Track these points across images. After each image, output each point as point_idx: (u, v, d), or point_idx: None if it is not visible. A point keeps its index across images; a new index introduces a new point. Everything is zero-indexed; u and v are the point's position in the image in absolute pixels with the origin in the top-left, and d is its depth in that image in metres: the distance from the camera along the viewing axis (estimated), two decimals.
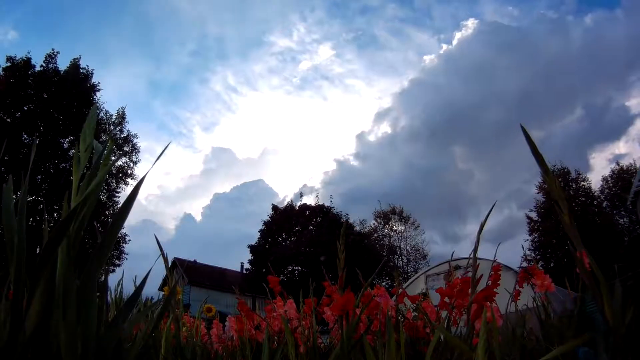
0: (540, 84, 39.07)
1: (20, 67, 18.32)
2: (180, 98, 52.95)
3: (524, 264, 2.09)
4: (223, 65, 55.87)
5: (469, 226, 39.60)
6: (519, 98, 38.91)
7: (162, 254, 1.59)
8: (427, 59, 46.10)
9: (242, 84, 51.42)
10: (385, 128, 50.51)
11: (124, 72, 49.92)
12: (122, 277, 2.20)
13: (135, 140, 21.52)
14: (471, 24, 43.53)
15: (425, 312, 1.51)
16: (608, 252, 18.37)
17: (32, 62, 18.74)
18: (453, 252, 1.96)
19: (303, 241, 23.79)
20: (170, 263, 1.64)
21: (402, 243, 31.11)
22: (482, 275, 1.12)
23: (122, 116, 21.38)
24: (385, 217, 31.81)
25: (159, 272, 1.83)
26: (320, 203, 26.12)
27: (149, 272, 1.21)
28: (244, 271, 27.17)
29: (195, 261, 28.56)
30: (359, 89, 57.34)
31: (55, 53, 19.50)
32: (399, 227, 31.45)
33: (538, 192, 25.53)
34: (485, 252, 1.26)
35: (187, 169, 55.96)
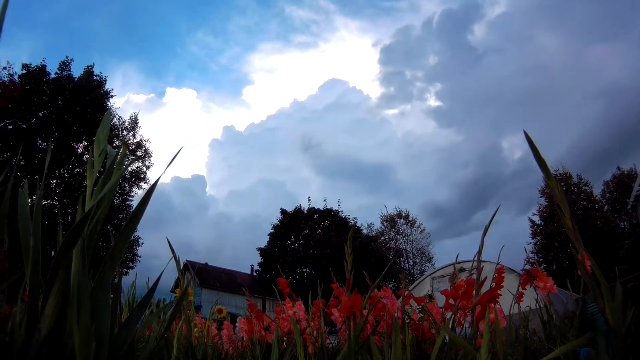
0: None
1: (35, 74, 18.64)
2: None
3: (527, 267, 2.08)
4: None
5: None
6: None
7: (174, 256, 1.62)
8: None
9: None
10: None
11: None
12: (135, 278, 2.25)
13: (147, 145, 21.77)
14: None
15: (431, 314, 1.52)
16: (609, 255, 18.20)
17: (47, 70, 19.09)
18: (457, 255, 1.96)
19: (311, 244, 23.80)
20: (182, 265, 1.67)
21: (408, 246, 31.18)
22: (486, 278, 1.12)
23: (134, 121, 21.65)
24: (391, 220, 31.82)
25: (171, 274, 1.87)
26: (329, 207, 26.12)
27: (161, 274, 1.24)
28: (254, 273, 27.27)
29: (206, 264, 28.83)
30: None
31: (69, 60, 19.86)
32: (405, 230, 31.46)
33: (541, 196, 25.56)
34: (489, 254, 1.27)
35: None
